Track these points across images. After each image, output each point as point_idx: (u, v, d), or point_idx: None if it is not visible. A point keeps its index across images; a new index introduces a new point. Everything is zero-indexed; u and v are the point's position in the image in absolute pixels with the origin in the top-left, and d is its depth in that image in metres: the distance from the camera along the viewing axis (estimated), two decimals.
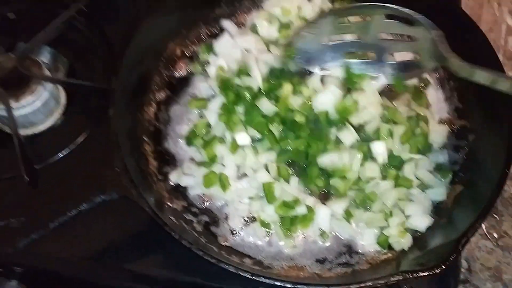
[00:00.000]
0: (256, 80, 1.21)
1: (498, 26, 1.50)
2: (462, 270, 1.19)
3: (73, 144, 1.33)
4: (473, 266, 1.20)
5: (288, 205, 1.13)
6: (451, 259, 0.93)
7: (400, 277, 0.93)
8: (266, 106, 1.18)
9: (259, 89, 1.21)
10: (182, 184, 1.19)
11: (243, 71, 1.24)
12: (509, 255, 1.21)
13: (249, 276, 0.94)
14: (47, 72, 1.39)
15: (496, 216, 1.26)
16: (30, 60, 1.38)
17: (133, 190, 1.02)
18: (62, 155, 1.31)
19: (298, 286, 0.94)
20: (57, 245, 1.15)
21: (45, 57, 1.50)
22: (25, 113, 1.33)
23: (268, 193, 1.13)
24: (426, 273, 0.92)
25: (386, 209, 1.13)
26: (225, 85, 1.23)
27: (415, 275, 0.93)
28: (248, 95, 1.20)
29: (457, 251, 0.94)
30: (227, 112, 1.20)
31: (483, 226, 1.24)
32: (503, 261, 1.20)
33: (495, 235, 1.23)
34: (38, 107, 1.34)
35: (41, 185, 1.24)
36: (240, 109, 1.20)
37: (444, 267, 0.92)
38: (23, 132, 1.36)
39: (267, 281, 0.95)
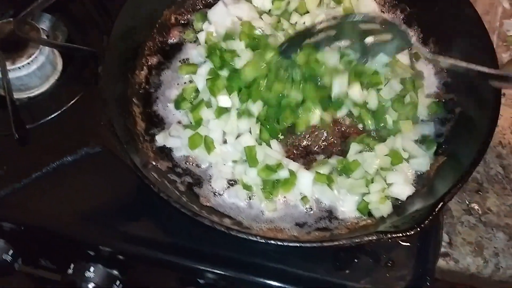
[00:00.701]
0: (240, 44, 1.22)
1: (494, 8, 1.49)
2: (443, 243, 1.18)
3: (67, 106, 1.35)
4: (454, 240, 1.20)
5: (270, 168, 1.14)
6: (426, 222, 0.93)
7: (374, 237, 0.93)
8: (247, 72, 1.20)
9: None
10: (168, 145, 1.21)
11: (229, 35, 1.25)
12: (492, 231, 1.21)
13: (225, 230, 0.95)
14: (45, 37, 1.42)
15: (480, 193, 1.25)
16: (29, 26, 1.41)
17: (117, 144, 1.03)
18: (53, 116, 1.33)
19: (271, 242, 0.95)
20: (41, 197, 1.17)
21: (44, 24, 1.53)
22: (20, 75, 1.35)
23: (250, 156, 1.14)
24: (399, 235, 0.92)
25: (368, 176, 1.13)
26: (211, 50, 1.25)
27: (389, 235, 0.93)
28: (231, 60, 1.22)
29: (433, 214, 0.95)
30: (213, 77, 1.22)
31: (466, 201, 1.24)
32: (485, 237, 1.20)
33: (479, 210, 1.23)
34: (33, 71, 1.37)
35: (31, 144, 1.26)
36: (225, 73, 1.21)
37: (418, 229, 0.92)
38: (18, 95, 1.39)
39: (241, 235, 0.95)
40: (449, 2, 1.23)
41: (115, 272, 1.22)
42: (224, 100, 1.19)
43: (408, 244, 1.14)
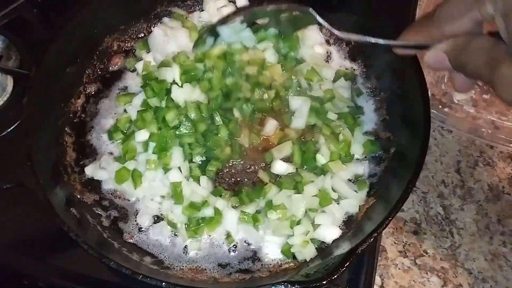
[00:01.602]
0: (174, 72, 1.21)
1: None
2: (375, 286, 1.15)
3: (6, 131, 1.33)
4: (386, 284, 1.16)
5: (195, 206, 1.11)
6: (336, 274, 0.90)
7: (282, 286, 0.90)
8: (177, 94, 1.19)
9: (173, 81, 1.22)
10: (96, 177, 1.19)
11: (165, 63, 1.24)
12: (426, 275, 1.17)
13: (128, 273, 0.92)
14: None
15: (418, 234, 1.22)
16: None
17: (31, 179, 1.01)
18: None
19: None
20: None
21: None
22: None
23: (175, 192, 1.12)
24: (306, 286, 0.89)
25: (294, 217, 1.10)
26: (146, 80, 1.23)
27: (296, 286, 0.90)
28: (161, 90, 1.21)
29: (345, 264, 0.91)
30: (144, 108, 1.20)
31: (402, 242, 1.20)
32: (418, 281, 1.16)
33: (414, 253, 1.19)
34: None
35: None
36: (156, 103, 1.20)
37: (327, 279, 0.89)
38: None
39: (149, 281, 0.92)
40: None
41: None
42: (141, 135, 1.17)
43: (338, 286, 1.10)
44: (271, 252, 1.10)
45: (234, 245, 1.11)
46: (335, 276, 0.89)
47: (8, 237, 1.18)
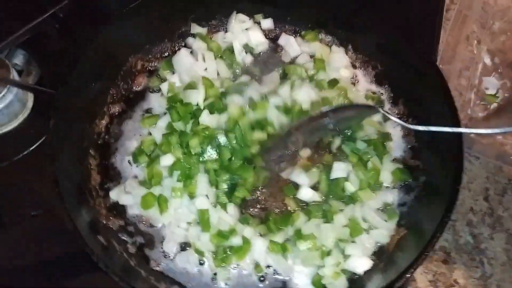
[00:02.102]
0: (199, 95, 1.19)
1: (474, 64, 1.44)
2: None
3: (29, 149, 1.31)
4: None
5: (223, 234, 1.09)
6: None
7: None
8: (206, 119, 1.17)
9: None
10: (121, 202, 1.16)
11: (191, 85, 1.22)
12: None
13: None
14: (15, 75, 1.38)
15: (448, 263, 1.19)
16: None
17: (59, 207, 0.99)
18: (14, 160, 1.29)
19: None
20: None
21: (19, 60, 1.50)
22: None
23: (202, 220, 1.10)
24: None
25: (324, 248, 1.08)
26: (171, 102, 1.21)
27: None
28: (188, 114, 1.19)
29: None
30: (170, 131, 1.18)
31: (432, 272, 1.18)
32: None
33: (445, 283, 1.17)
34: (0, 109, 1.32)
35: None
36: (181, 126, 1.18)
37: None
38: None
39: None
40: (415, 63, 1.18)
41: None
42: (167, 159, 1.14)
43: None
44: (301, 283, 1.08)
45: (262, 275, 1.09)
46: None
47: (29, 260, 1.15)
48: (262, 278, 1.09)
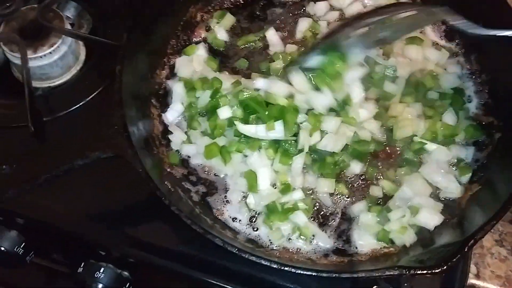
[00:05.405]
0: None
1: None
2: (470, 275, 1.11)
3: (86, 100, 1.32)
4: (483, 273, 1.12)
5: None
6: (453, 260, 0.86)
7: (396, 272, 0.86)
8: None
9: None
10: (184, 152, 1.16)
11: None
12: None
13: (235, 252, 0.90)
14: (68, 26, 1.38)
15: None
16: (53, 13, 1.37)
17: (129, 150, 0.99)
18: (71, 110, 1.30)
19: (286, 268, 0.89)
20: (50, 197, 1.14)
21: (69, 12, 1.49)
22: (41, 64, 1.32)
23: (249, 180, 1.09)
24: (423, 271, 0.85)
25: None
26: None
27: (412, 272, 0.86)
28: None
29: (462, 252, 0.87)
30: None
31: (498, 231, 1.15)
32: None
33: (511, 242, 1.14)
34: (55, 60, 1.33)
35: (46, 140, 1.23)
36: None
37: (444, 267, 0.85)
38: (39, 84, 1.36)
39: (253, 258, 0.90)
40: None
41: (126, 273, 1.18)
42: (224, 112, 1.12)
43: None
44: (365, 243, 1.06)
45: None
46: (453, 261, 0.85)
47: (92, 207, 1.17)
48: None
